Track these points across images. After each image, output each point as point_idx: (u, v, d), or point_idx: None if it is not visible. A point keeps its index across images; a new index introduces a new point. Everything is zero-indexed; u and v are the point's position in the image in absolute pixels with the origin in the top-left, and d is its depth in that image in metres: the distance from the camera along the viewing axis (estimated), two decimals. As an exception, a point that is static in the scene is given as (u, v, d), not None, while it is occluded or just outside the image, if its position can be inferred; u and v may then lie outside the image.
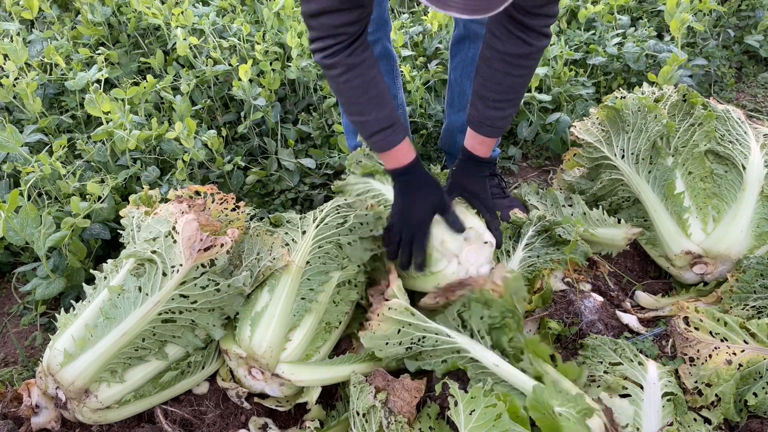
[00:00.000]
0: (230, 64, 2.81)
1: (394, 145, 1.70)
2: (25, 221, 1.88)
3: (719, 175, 2.06)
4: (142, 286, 1.59)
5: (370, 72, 1.61)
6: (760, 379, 1.56)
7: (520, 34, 1.54)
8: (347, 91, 1.64)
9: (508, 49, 1.58)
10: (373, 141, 1.70)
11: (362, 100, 1.64)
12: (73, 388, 1.53)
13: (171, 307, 1.59)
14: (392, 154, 1.72)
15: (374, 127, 1.67)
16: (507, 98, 1.69)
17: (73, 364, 1.54)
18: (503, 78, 1.64)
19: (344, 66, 1.58)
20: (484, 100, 1.70)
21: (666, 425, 1.46)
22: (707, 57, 3.33)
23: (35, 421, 1.61)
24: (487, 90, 1.68)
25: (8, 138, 2.06)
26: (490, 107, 1.70)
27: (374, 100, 1.64)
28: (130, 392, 1.61)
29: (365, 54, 1.59)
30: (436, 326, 1.62)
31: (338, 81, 1.61)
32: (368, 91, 1.63)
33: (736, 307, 1.78)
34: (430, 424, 1.46)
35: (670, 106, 2.18)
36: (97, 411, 1.58)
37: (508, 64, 1.61)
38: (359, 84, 1.61)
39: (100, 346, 1.55)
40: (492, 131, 1.77)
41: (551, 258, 1.93)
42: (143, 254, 1.62)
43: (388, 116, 1.66)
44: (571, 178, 2.42)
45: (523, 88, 1.71)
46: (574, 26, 3.52)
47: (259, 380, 1.64)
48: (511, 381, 1.51)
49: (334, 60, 1.56)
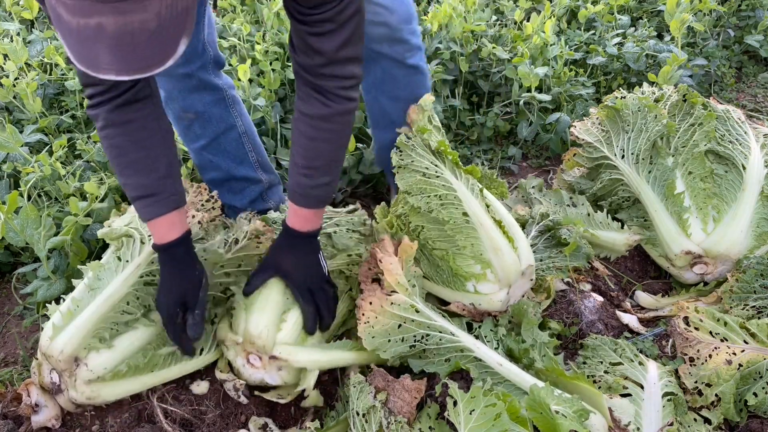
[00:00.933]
0: (230, 64, 2.81)
1: (152, 216, 1.56)
2: (26, 222, 1.88)
3: (719, 175, 2.06)
4: (122, 256, 1.70)
5: (137, 133, 1.48)
6: (760, 379, 1.56)
7: (317, 96, 1.47)
8: (107, 148, 1.51)
9: (308, 110, 1.50)
10: (135, 207, 1.58)
11: (122, 161, 1.51)
12: (62, 357, 1.54)
13: (152, 270, 1.66)
14: (152, 226, 1.59)
15: (132, 192, 1.55)
16: (315, 165, 1.57)
17: (61, 334, 1.57)
18: (309, 143, 1.54)
19: (104, 121, 1.45)
20: (295, 166, 1.59)
21: (666, 425, 1.46)
22: (707, 57, 3.33)
23: (35, 419, 1.61)
24: (296, 155, 1.58)
25: (8, 138, 2.07)
26: (300, 174, 1.58)
27: (135, 164, 1.51)
28: (120, 361, 1.62)
29: (138, 113, 1.47)
30: (440, 324, 1.62)
31: (100, 135, 1.49)
32: (129, 153, 1.50)
33: (736, 307, 1.78)
34: (430, 424, 1.46)
35: (670, 106, 2.18)
36: (90, 384, 1.57)
37: (310, 127, 1.52)
38: (119, 144, 1.48)
39: (86, 313, 1.59)
40: (306, 201, 1.61)
41: (555, 264, 1.93)
42: (120, 231, 1.72)
43: (150, 184, 1.53)
44: (571, 178, 2.42)
45: (334, 156, 1.59)
46: (574, 26, 3.53)
47: (258, 367, 1.64)
48: (515, 381, 1.52)
49: (95, 112, 1.45)
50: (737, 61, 3.60)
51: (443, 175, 1.73)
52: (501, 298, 1.75)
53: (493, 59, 3.06)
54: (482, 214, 1.73)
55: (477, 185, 1.77)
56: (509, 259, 1.73)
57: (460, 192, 1.72)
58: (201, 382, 1.76)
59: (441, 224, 1.74)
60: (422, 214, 1.77)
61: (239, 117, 2.20)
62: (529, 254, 1.80)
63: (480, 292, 1.75)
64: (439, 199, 1.73)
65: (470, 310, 1.77)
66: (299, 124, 1.54)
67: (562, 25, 3.50)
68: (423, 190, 1.74)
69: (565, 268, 1.91)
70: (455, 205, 1.72)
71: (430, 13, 3.31)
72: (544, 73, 2.78)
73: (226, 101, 2.14)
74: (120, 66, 1.02)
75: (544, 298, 1.87)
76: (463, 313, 1.77)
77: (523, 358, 1.60)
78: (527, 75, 2.72)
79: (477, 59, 3.12)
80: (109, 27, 0.96)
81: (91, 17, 0.96)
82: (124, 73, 1.03)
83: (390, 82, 2.07)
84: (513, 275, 1.75)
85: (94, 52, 1.00)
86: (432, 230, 1.78)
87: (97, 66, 1.02)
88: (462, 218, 1.72)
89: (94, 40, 0.98)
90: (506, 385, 1.53)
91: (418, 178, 1.73)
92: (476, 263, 1.74)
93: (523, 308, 1.69)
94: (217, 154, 2.17)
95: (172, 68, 1.90)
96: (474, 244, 1.73)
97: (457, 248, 1.74)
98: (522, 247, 1.78)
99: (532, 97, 2.79)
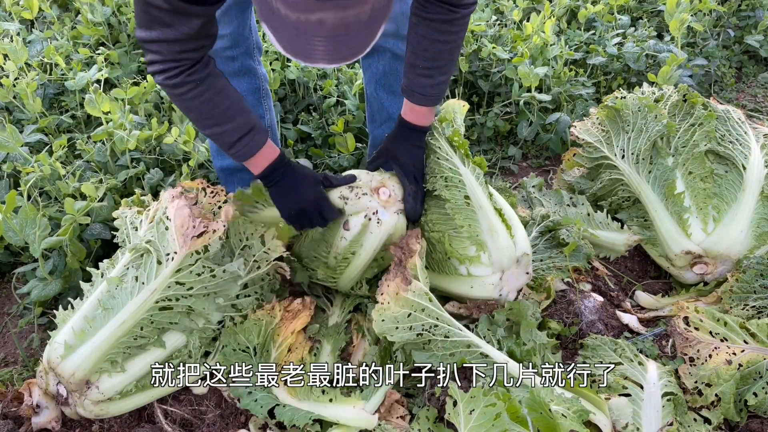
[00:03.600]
0: (230, 64, 2.81)
1: (257, 149, 1.66)
2: (25, 222, 1.88)
3: (719, 175, 2.06)
4: (139, 276, 1.62)
5: (217, 84, 1.57)
6: (760, 379, 1.56)
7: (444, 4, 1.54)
8: (199, 107, 1.58)
9: (432, 15, 1.57)
10: (234, 150, 1.65)
11: (216, 112, 1.58)
12: (73, 379, 1.54)
13: (168, 295, 1.61)
14: (258, 158, 1.68)
15: (233, 136, 1.62)
16: (435, 65, 1.66)
17: (73, 356, 1.55)
18: (430, 45, 1.62)
19: (191, 83, 1.52)
20: (414, 67, 1.68)
21: (666, 425, 1.46)
22: (707, 57, 3.33)
23: (36, 420, 1.61)
24: (415, 57, 1.67)
25: (8, 138, 2.06)
26: (420, 75, 1.68)
27: (228, 110, 1.60)
28: (131, 382, 1.62)
29: (208, 69, 1.54)
30: (449, 317, 1.63)
31: (186, 98, 1.55)
32: (220, 102, 1.58)
33: (736, 307, 1.78)
34: (429, 426, 1.46)
35: (671, 106, 2.18)
36: (99, 403, 1.58)
37: (435, 30, 1.59)
38: (209, 97, 1.56)
39: (99, 336, 1.56)
40: (423, 99, 1.73)
41: (555, 264, 1.93)
42: (139, 246, 1.65)
43: (245, 122, 1.62)
44: (571, 178, 2.42)
45: (452, 56, 1.68)
46: (574, 26, 3.52)
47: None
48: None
49: (177, 80, 1.51)
50: (737, 61, 3.59)
51: (452, 159, 1.79)
52: (494, 281, 1.76)
53: (493, 59, 3.06)
54: (483, 199, 1.77)
55: (482, 175, 1.83)
56: (504, 242, 1.75)
57: (465, 177, 1.78)
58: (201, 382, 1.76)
59: (442, 204, 1.78)
60: (426, 194, 1.82)
61: (268, 111, 2.26)
62: (525, 243, 1.81)
63: (473, 275, 1.77)
64: (445, 181, 1.78)
65: (466, 306, 1.76)
66: (420, 29, 1.60)
67: (562, 25, 3.49)
68: (432, 170, 1.81)
69: (565, 268, 1.91)
70: (458, 188, 1.77)
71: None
72: (544, 73, 2.78)
73: (260, 92, 2.20)
74: (332, 56, 1.10)
75: (544, 298, 1.87)
76: (459, 311, 1.77)
77: (525, 360, 1.60)
78: (527, 75, 2.72)
79: (477, 59, 3.12)
80: (329, 21, 1.03)
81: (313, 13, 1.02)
82: (334, 62, 1.12)
83: (391, 76, 2.11)
84: (507, 260, 1.76)
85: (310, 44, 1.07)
86: (433, 212, 1.82)
87: (311, 56, 1.10)
88: (463, 200, 1.77)
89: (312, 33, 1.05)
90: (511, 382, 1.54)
91: (430, 157, 1.82)
92: (471, 244, 1.76)
93: (522, 309, 1.69)
94: None
95: (219, 49, 1.95)
96: (471, 224, 1.76)
97: (454, 229, 1.78)
98: (519, 235, 1.80)
99: (532, 97, 2.79)
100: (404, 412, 1.59)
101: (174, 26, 1.37)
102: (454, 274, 1.80)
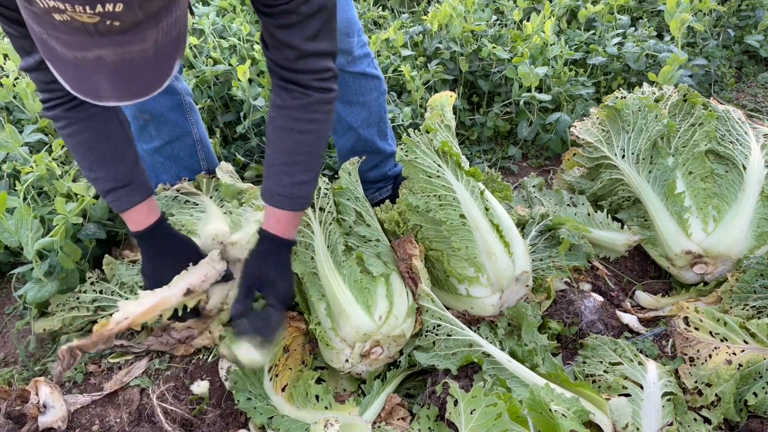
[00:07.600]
0: (230, 63, 2.81)
1: (131, 205, 1.57)
2: (20, 223, 1.87)
3: (720, 175, 2.06)
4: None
5: (101, 127, 1.50)
6: (760, 379, 1.55)
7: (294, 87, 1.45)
8: (73, 146, 1.51)
9: (286, 103, 1.47)
10: (107, 200, 1.57)
11: (91, 156, 1.51)
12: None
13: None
14: (129, 216, 1.59)
15: (105, 185, 1.55)
16: (295, 160, 1.51)
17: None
18: (287, 136, 1.50)
19: (65, 119, 1.46)
20: (272, 165, 1.54)
21: (666, 425, 1.46)
22: (707, 57, 3.33)
23: (42, 420, 1.60)
24: (273, 152, 1.53)
25: (8, 138, 2.06)
26: (280, 171, 1.53)
27: (105, 158, 1.52)
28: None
29: (93, 110, 1.47)
30: (452, 317, 1.64)
31: (62, 134, 1.49)
32: (95, 147, 1.50)
33: (736, 307, 1.78)
34: (430, 425, 1.46)
35: (671, 106, 2.18)
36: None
37: (290, 119, 1.48)
38: (87, 139, 1.49)
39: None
40: (284, 202, 1.53)
41: (555, 264, 1.93)
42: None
43: (124, 175, 1.54)
44: (571, 178, 2.42)
45: (313, 150, 1.53)
46: (574, 26, 3.53)
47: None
48: (524, 377, 1.53)
49: (54, 113, 1.45)
50: (737, 61, 3.60)
51: (444, 175, 1.72)
52: (493, 302, 1.75)
53: (493, 59, 3.06)
54: (479, 218, 1.73)
55: (478, 187, 1.77)
56: (503, 264, 1.73)
57: (459, 194, 1.72)
58: (201, 382, 1.76)
59: (438, 224, 1.74)
60: (421, 214, 1.77)
61: (195, 125, 2.21)
62: (525, 260, 1.80)
63: (472, 296, 1.76)
64: (438, 200, 1.72)
65: (465, 318, 1.77)
66: (276, 121, 1.50)
67: (562, 25, 3.50)
68: (424, 189, 1.74)
69: (565, 268, 1.91)
70: (453, 207, 1.72)
71: (430, 13, 3.31)
72: (544, 73, 2.78)
73: (183, 107, 2.16)
74: (120, 93, 1.04)
75: (544, 298, 1.87)
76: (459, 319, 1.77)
77: (526, 361, 1.60)
78: (527, 75, 2.72)
79: (477, 59, 3.12)
80: (108, 58, 0.98)
81: (89, 51, 0.97)
82: (124, 99, 1.05)
83: (341, 88, 2.04)
84: (506, 281, 1.75)
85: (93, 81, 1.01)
86: (429, 230, 1.78)
87: (97, 94, 1.04)
88: (459, 220, 1.72)
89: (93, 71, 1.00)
90: (514, 381, 1.54)
91: (420, 176, 1.73)
92: (470, 266, 1.73)
93: (522, 311, 1.69)
94: (170, 158, 2.20)
95: None
96: (468, 246, 1.72)
97: (452, 249, 1.74)
98: (518, 252, 1.78)
99: (532, 97, 2.79)
100: (405, 414, 1.59)
101: (32, 53, 1.34)
102: (453, 293, 1.80)
